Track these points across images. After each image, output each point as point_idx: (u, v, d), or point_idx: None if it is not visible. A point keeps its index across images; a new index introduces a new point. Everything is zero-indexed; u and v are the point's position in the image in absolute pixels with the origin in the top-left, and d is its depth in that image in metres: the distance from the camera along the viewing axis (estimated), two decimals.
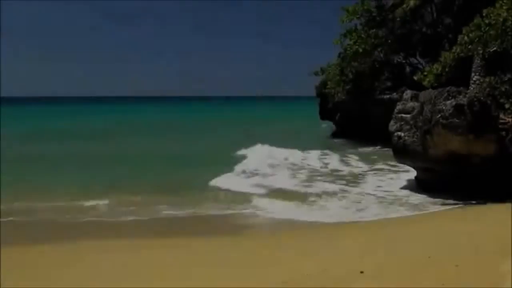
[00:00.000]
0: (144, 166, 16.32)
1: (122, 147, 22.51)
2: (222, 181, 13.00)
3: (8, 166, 15.29)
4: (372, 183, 13.13)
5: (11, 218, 9.52)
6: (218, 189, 12.19)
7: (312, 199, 11.10)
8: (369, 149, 20.33)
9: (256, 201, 10.86)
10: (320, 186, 12.67)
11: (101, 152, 20.55)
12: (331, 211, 10.07)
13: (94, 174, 14.62)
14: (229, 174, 14.28)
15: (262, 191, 12.01)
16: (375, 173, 14.65)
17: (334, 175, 14.48)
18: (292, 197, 11.27)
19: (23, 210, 10.11)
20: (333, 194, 11.62)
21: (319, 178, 14.00)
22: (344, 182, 13.35)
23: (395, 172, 14.53)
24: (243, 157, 17.85)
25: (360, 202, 10.75)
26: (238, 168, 15.43)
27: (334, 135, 27.54)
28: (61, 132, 31.45)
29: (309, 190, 12.15)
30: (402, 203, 10.60)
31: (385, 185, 12.73)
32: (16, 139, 25.91)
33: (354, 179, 13.74)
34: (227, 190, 12.01)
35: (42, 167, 16.06)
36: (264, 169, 15.48)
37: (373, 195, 11.54)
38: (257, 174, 14.62)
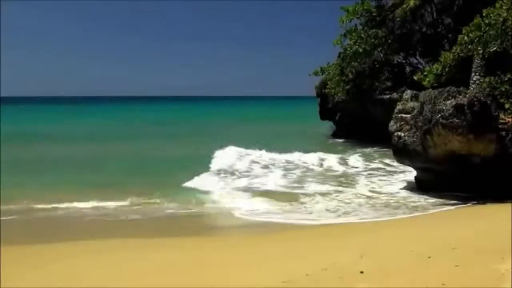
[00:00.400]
0: (138, 167, 16.28)
1: (119, 148, 22.30)
2: (215, 183, 13.12)
3: (7, 166, 15.30)
4: (371, 183, 13.11)
5: (10, 217, 9.53)
6: (212, 190, 12.21)
7: (309, 199, 11.07)
8: (369, 149, 20.31)
9: (248, 202, 10.86)
10: (318, 186, 12.64)
11: (98, 153, 20.52)
12: (329, 211, 10.05)
13: (91, 175, 14.66)
14: (223, 175, 14.33)
15: (255, 191, 12.00)
16: (374, 174, 14.63)
17: (332, 176, 14.46)
18: (289, 198, 11.24)
19: (23, 210, 10.12)
20: (331, 195, 11.61)
21: (315, 178, 13.94)
22: (343, 183, 13.34)
23: (395, 172, 14.53)
24: (237, 158, 17.68)
25: (359, 203, 10.72)
26: (231, 169, 15.42)
27: (334, 135, 27.54)
28: (58, 133, 31.34)
29: (305, 190, 12.14)
30: (401, 203, 10.58)
31: (384, 186, 12.72)
32: (15, 139, 25.86)
33: (353, 180, 13.72)
34: (221, 191, 12.09)
35: (40, 167, 16.06)
36: (257, 170, 15.46)
37: (373, 195, 11.54)
38: (251, 175, 14.60)
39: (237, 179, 13.95)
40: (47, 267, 6.47)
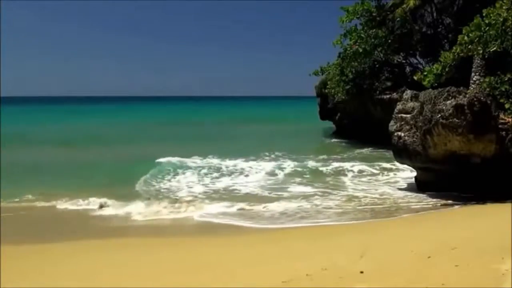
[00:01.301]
0: (138, 167, 16.20)
1: (119, 148, 22.15)
2: (199, 183, 13.24)
3: (7, 166, 15.30)
4: (370, 183, 13.11)
5: (10, 217, 9.54)
6: (198, 191, 12.23)
7: (308, 200, 11.09)
8: (369, 149, 20.32)
9: (240, 202, 10.83)
10: (317, 187, 12.63)
11: (98, 153, 20.50)
12: (330, 211, 10.06)
13: (91, 175, 14.67)
14: (208, 175, 14.46)
15: (235, 195, 11.96)
16: (374, 174, 14.62)
17: (327, 176, 14.40)
18: (270, 199, 11.22)
19: (23, 210, 10.13)
20: (331, 195, 11.61)
21: (306, 179, 13.88)
22: (343, 183, 13.33)
23: (395, 172, 14.53)
24: (229, 157, 17.61)
25: (360, 203, 10.74)
26: (217, 167, 15.52)
27: (334, 135, 27.55)
28: (57, 133, 31.30)
29: (304, 191, 12.14)
30: (401, 203, 10.58)
31: (384, 186, 12.72)
32: (15, 139, 25.83)
33: (353, 180, 13.72)
34: (204, 193, 12.10)
35: (40, 168, 16.07)
36: (247, 169, 15.43)
37: (372, 196, 11.54)
38: (235, 173, 14.68)
39: (219, 178, 14.03)
40: (47, 267, 6.48)
